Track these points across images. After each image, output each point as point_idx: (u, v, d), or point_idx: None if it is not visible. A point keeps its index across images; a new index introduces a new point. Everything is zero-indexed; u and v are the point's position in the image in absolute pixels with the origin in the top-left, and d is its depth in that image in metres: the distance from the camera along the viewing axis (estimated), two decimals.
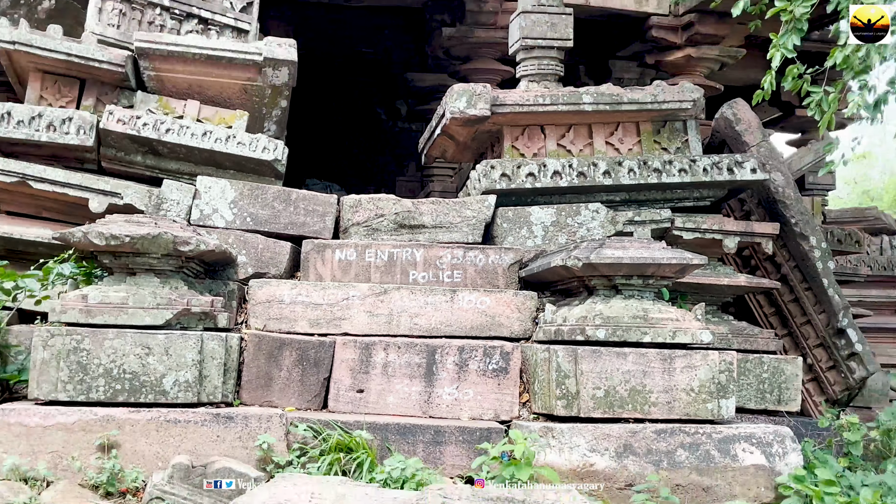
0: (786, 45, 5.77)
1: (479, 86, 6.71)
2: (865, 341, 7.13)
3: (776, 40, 5.83)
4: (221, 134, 6.27)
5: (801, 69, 5.70)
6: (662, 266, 5.27)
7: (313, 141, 14.17)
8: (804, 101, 5.67)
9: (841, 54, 5.19)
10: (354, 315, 5.53)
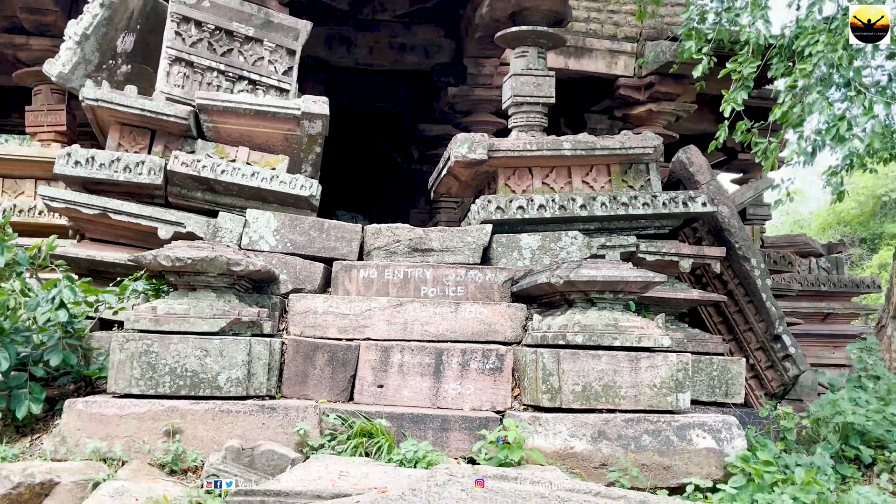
0: (735, 100, 5.81)
1: (478, 135, 6.73)
2: (798, 345, 7.09)
3: (727, 95, 5.86)
4: (266, 174, 6.28)
5: (748, 124, 5.72)
6: (630, 283, 5.25)
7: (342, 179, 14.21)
8: (752, 149, 5.67)
9: (779, 110, 5.20)
10: (375, 323, 5.52)
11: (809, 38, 4.82)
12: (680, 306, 6.93)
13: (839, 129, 4.85)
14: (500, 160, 6.76)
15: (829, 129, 4.92)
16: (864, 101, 4.77)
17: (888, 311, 7.78)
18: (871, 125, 4.84)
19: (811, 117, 5.17)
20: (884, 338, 7.72)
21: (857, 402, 6.02)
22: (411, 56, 10.11)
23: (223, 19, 6.84)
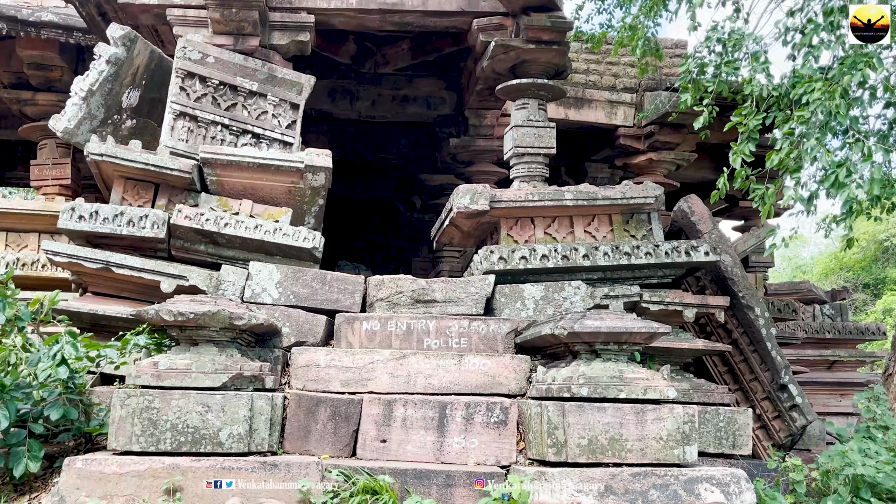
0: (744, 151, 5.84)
1: (479, 186, 6.76)
2: (804, 394, 7.02)
3: (735, 147, 5.90)
4: (269, 227, 6.30)
5: (747, 172, 5.74)
6: (634, 334, 5.22)
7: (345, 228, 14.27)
8: (749, 195, 5.69)
9: (776, 157, 5.22)
10: (378, 376, 5.47)
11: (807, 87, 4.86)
12: (684, 356, 6.88)
13: (838, 175, 4.86)
14: (503, 211, 6.78)
15: (828, 176, 4.94)
16: (863, 148, 4.79)
17: (894, 359, 7.71)
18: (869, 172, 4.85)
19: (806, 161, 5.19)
20: (891, 386, 7.64)
21: (866, 454, 5.92)
22: (413, 108, 10.22)
23: (227, 74, 6.94)
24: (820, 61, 5.05)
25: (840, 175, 4.89)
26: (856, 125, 4.85)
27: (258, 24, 7.01)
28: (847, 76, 4.60)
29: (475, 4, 7.53)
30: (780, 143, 5.20)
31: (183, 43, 6.87)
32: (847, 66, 4.65)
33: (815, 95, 4.82)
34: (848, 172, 4.87)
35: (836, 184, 4.95)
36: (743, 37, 5.95)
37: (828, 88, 4.70)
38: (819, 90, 4.78)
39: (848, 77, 4.59)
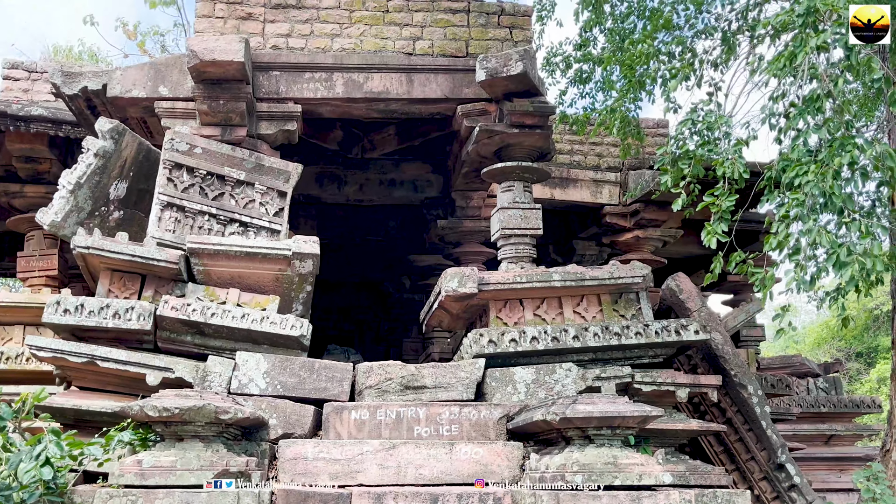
0: (717, 231, 5.91)
1: (468, 269, 6.78)
2: (802, 474, 6.91)
3: (708, 227, 5.96)
4: (256, 315, 6.27)
5: (742, 255, 5.80)
6: (627, 418, 5.17)
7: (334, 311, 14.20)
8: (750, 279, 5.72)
9: (775, 240, 5.27)
10: (368, 468, 5.37)
11: (798, 170, 4.95)
12: (679, 437, 6.79)
13: (839, 255, 4.91)
14: (491, 293, 6.78)
15: (830, 257, 4.98)
16: (861, 227, 4.86)
17: (891, 435, 7.63)
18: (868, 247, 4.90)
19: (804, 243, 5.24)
20: (889, 462, 7.53)
21: None
22: (400, 191, 10.32)
23: (215, 164, 7.02)
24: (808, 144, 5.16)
25: (841, 255, 4.94)
26: (850, 204, 4.93)
27: (245, 114, 7.13)
28: (837, 158, 4.70)
29: (459, 91, 7.69)
30: (777, 227, 5.26)
31: (171, 135, 6.96)
32: (836, 149, 4.75)
33: (808, 178, 4.91)
34: (848, 252, 4.92)
35: (838, 263, 4.99)
36: (716, 120, 6.09)
37: (820, 170, 4.79)
38: (812, 172, 4.87)
39: (839, 159, 4.69)
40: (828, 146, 4.84)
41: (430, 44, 7.77)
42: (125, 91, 7.27)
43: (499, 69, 7.17)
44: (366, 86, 7.55)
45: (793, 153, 5.04)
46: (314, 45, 7.62)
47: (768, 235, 5.33)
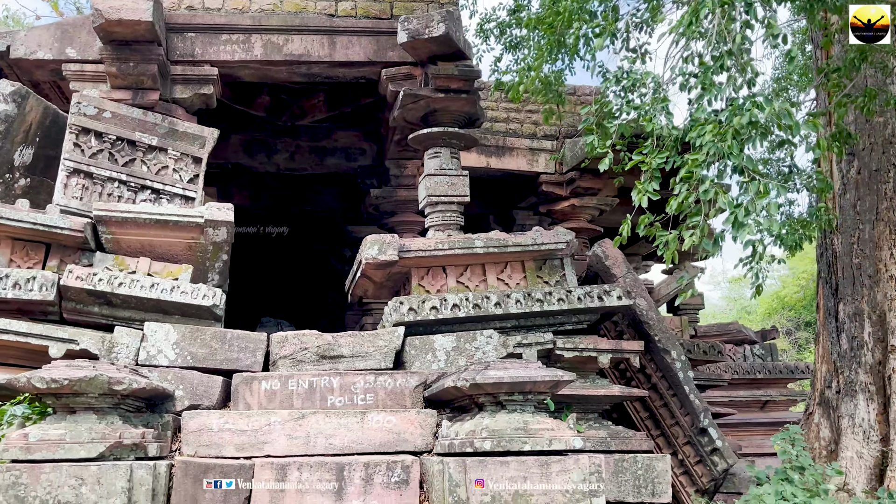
0: (647, 189, 5.83)
1: (388, 236, 6.64)
2: (725, 438, 6.94)
3: (639, 186, 5.88)
4: (167, 285, 6.08)
5: (650, 218, 5.73)
6: (538, 383, 5.10)
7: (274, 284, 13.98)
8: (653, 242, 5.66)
9: (675, 202, 5.21)
10: (276, 439, 5.23)
11: (699, 130, 4.88)
12: (602, 403, 6.77)
13: (737, 216, 4.85)
14: (413, 260, 6.65)
15: (728, 218, 4.92)
16: (759, 186, 4.80)
17: (814, 398, 7.72)
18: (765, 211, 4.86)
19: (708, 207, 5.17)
20: (812, 425, 7.62)
21: (783, 497, 5.85)
22: (333, 159, 10.12)
23: (125, 130, 6.76)
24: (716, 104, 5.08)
25: (739, 215, 4.89)
26: (751, 164, 4.86)
27: (158, 77, 6.87)
28: (736, 117, 4.62)
29: (383, 55, 7.51)
30: (679, 188, 5.18)
31: (78, 98, 6.68)
32: (737, 108, 4.67)
33: (706, 138, 4.83)
34: (746, 212, 4.86)
35: (736, 224, 4.94)
36: (641, 77, 5.99)
37: (719, 130, 4.71)
38: (710, 132, 4.79)
39: (738, 118, 4.61)
40: (729, 105, 4.77)
41: (353, 5, 7.56)
42: (30, 53, 6.96)
43: (420, 31, 6.99)
44: (286, 48, 7.33)
45: (698, 112, 4.96)
46: (232, 5, 7.36)
47: (671, 197, 5.26)
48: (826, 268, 7.78)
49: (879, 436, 6.96)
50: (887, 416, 6.93)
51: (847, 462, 7.05)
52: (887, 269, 7.10)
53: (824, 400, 7.57)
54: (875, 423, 6.99)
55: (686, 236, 5.10)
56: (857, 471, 6.95)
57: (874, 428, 6.98)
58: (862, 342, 7.21)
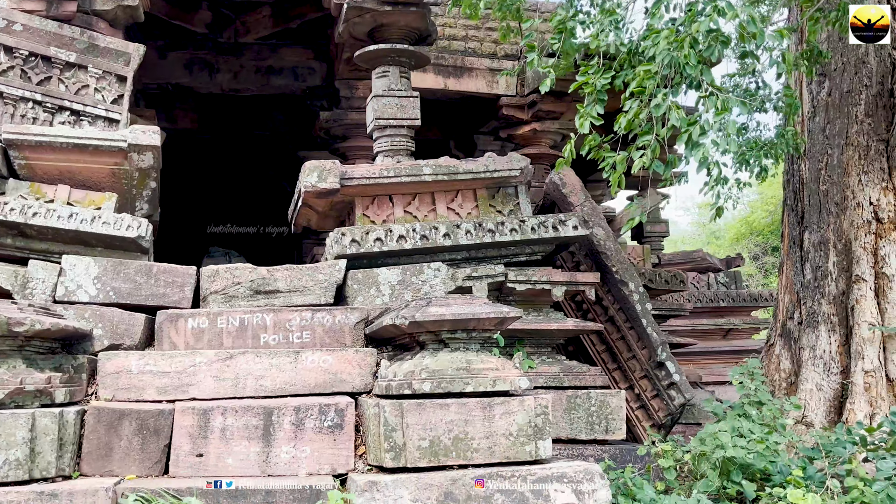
0: (591, 114, 5.42)
1: (328, 162, 6.20)
2: (682, 372, 6.73)
3: (582, 110, 5.47)
4: (87, 215, 5.61)
5: (597, 139, 5.34)
6: (482, 320, 4.75)
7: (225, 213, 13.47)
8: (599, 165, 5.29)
9: (624, 119, 4.81)
10: (201, 381, 4.87)
11: (653, 38, 4.45)
12: (555, 338, 6.50)
13: (691, 134, 4.48)
14: (356, 189, 6.24)
15: (682, 135, 4.55)
16: (717, 102, 4.41)
17: (776, 329, 7.53)
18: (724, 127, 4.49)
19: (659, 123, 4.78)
20: (772, 357, 7.45)
21: (740, 433, 5.65)
22: (280, 80, 9.55)
23: (39, 44, 6.17)
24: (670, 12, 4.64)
25: (693, 133, 4.52)
26: (709, 76, 4.46)
27: None
28: (695, 24, 4.19)
29: None
30: (629, 105, 4.78)
31: None
32: (695, 14, 4.24)
33: (661, 46, 4.41)
34: (702, 130, 4.49)
35: (690, 143, 4.57)
36: None
37: (675, 38, 4.29)
38: (665, 39, 4.36)
39: (696, 25, 4.18)
40: (687, 10, 4.33)
41: None
42: None
43: None
44: None
45: (653, 20, 4.53)
46: None
47: (620, 114, 4.86)
48: (792, 195, 7.49)
49: (840, 367, 6.79)
50: (849, 347, 6.76)
51: (806, 394, 6.89)
52: (855, 196, 6.81)
53: (786, 331, 7.37)
54: (836, 355, 6.81)
55: (636, 157, 4.73)
56: (817, 403, 6.80)
57: (835, 360, 6.80)
58: (826, 272, 6.97)
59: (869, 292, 6.63)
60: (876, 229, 6.68)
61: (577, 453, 5.88)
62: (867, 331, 6.50)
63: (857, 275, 6.68)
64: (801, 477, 5.13)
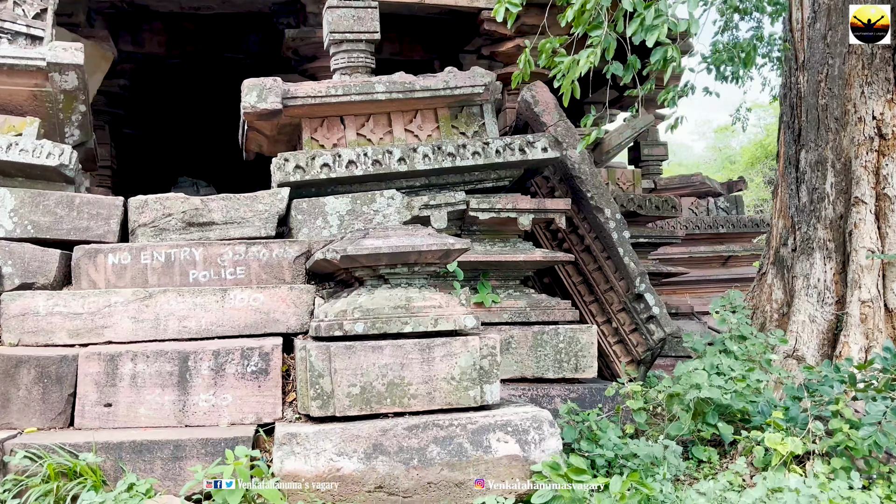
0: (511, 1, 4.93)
1: (269, 79, 5.63)
2: (662, 304, 6.24)
3: None
4: (3, 142, 5.12)
5: (554, 43, 4.75)
6: (424, 253, 4.26)
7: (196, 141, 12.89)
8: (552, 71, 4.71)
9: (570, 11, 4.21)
10: (118, 322, 4.44)
11: None
12: (523, 270, 6.00)
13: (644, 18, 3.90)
14: (301, 109, 5.69)
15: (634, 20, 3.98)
16: None
17: (768, 257, 6.98)
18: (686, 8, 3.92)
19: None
20: (764, 286, 6.92)
21: (719, 371, 5.18)
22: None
23: None
24: None
25: (648, 17, 3.94)
26: None
27: None
28: None
29: None
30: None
31: None
32: None
33: None
34: (657, 13, 3.91)
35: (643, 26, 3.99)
36: None
37: None
38: None
39: None
40: None
41: None
42: None
43: None
44: None
45: None
46: None
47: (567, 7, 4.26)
48: (789, 110, 6.84)
49: (835, 297, 6.26)
50: (845, 276, 6.21)
51: (798, 326, 6.38)
52: (856, 110, 6.17)
53: (779, 259, 6.83)
54: (831, 284, 6.28)
55: (583, 58, 4.15)
56: (809, 336, 6.30)
57: (830, 289, 6.27)
58: (823, 194, 6.39)
59: (869, 216, 6.05)
60: (878, 146, 6.06)
61: (542, 394, 5.46)
62: (865, 257, 5.95)
63: (857, 196, 6.08)
64: (783, 418, 4.68)
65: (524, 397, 5.37)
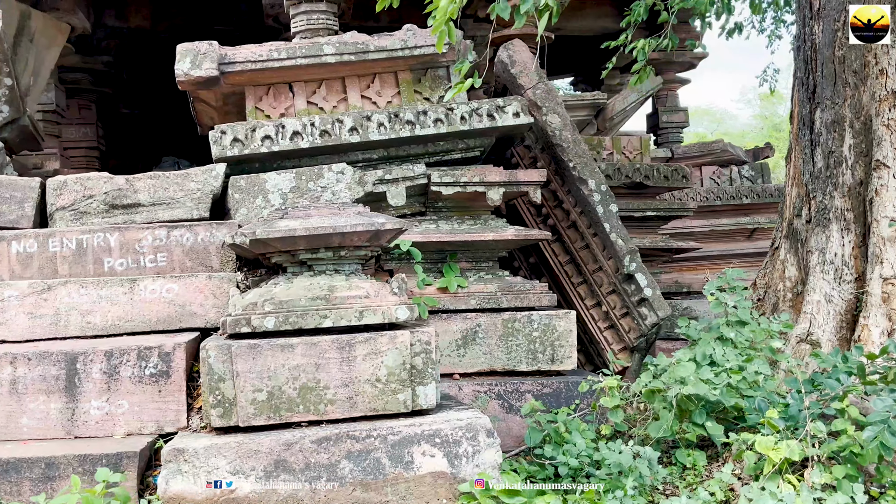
0: None
1: (204, 44, 5.05)
2: (656, 285, 5.54)
3: None
4: None
5: None
6: (348, 235, 3.67)
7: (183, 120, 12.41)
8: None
9: None
10: (12, 319, 3.94)
11: None
12: (495, 249, 5.36)
13: None
14: (242, 76, 5.11)
15: None
16: None
17: (781, 230, 6.21)
18: None
19: None
20: (776, 262, 6.16)
21: (713, 361, 4.50)
22: None
23: None
24: None
25: None
26: None
27: None
28: None
29: None
30: None
31: None
32: None
33: None
34: None
35: None
36: None
37: None
38: None
39: None
40: None
41: None
42: None
43: None
44: None
45: None
46: None
47: None
48: (803, 65, 6.04)
49: (854, 274, 5.51)
50: (865, 250, 5.45)
51: (813, 307, 5.63)
52: (878, 62, 5.37)
53: (792, 231, 6.07)
54: (850, 259, 5.52)
55: None
56: (825, 318, 5.54)
57: (848, 265, 5.51)
58: (841, 158, 5.61)
59: (892, 181, 5.27)
60: None
61: (511, 389, 4.83)
62: (888, 228, 5.18)
63: (878, 160, 5.30)
64: (780, 418, 4.00)
65: (490, 394, 4.76)
